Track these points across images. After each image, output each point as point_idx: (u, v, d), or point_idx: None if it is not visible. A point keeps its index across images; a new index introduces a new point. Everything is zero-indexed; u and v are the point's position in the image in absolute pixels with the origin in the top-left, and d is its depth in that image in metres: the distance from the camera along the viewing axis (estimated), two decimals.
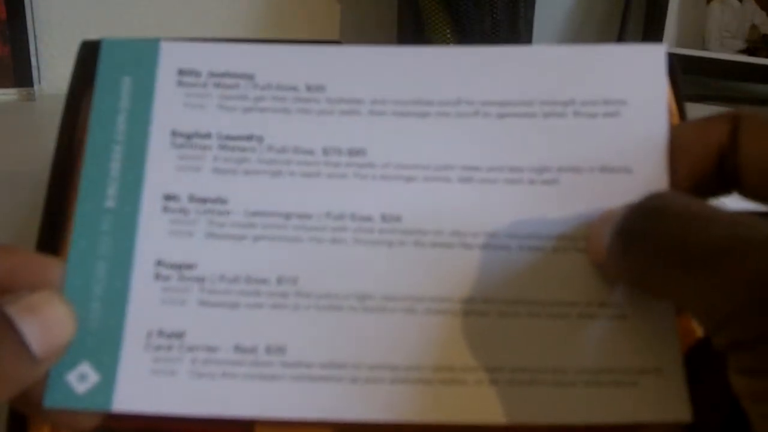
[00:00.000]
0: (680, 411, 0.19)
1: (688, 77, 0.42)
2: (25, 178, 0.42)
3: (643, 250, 0.17)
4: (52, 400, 0.19)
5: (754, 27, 0.67)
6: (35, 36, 0.64)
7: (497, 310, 0.20)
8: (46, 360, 0.18)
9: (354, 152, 0.21)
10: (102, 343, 0.20)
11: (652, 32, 0.68)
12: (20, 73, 0.64)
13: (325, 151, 0.21)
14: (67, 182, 0.22)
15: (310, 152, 0.21)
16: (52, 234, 0.22)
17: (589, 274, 0.21)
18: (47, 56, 0.65)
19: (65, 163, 0.21)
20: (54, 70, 0.65)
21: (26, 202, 0.43)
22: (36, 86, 0.64)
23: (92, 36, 0.23)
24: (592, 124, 0.21)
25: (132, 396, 0.19)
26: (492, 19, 0.61)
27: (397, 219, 0.21)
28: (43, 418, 0.20)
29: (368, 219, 0.21)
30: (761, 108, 0.65)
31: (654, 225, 0.17)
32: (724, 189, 0.20)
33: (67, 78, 0.23)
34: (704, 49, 0.68)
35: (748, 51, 0.67)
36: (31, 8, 0.63)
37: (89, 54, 0.23)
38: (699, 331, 0.24)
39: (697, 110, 0.63)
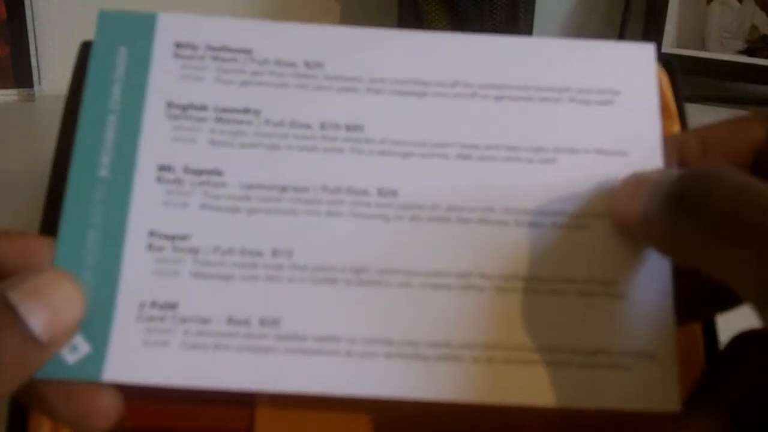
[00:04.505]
0: (669, 401, 0.19)
1: (688, 77, 0.42)
2: (25, 178, 0.42)
3: (696, 216, 0.17)
4: (42, 372, 0.19)
5: (754, 27, 0.67)
6: (35, 36, 0.64)
7: (494, 285, 0.20)
8: (54, 343, 0.18)
9: (351, 128, 0.21)
10: (93, 313, 0.20)
11: (652, 33, 0.68)
12: (20, 74, 0.64)
13: (323, 126, 0.21)
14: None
15: (307, 126, 0.21)
16: (53, 234, 0.22)
17: (588, 251, 0.20)
18: (47, 56, 0.65)
19: (65, 163, 0.21)
20: (54, 71, 0.65)
21: (26, 202, 0.43)
22: (36, 87, 0.64)
23: (92, 36, 0.23)
24: (587, 110, 0.22)
25: (123, 367, 0.19)
26: (492, 20, 0.61)
27: (394, 194, 0.21)
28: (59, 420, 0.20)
29: (364, 193, 0.21)
30: (761, 108, 0.65)
31: (710, 192, 0.16)
32: None
33: (67, 78, 0.23)
34: (704, 49, 0.68)
35: (748, 51, 0.67)
36: (31, 8, 0.63)
37: (89, 54, 0.23)
38: (699, 331, 0.24)
39: (697, 111, 0.63)
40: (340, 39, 0.22)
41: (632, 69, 0.22)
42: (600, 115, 0.22)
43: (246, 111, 0.21)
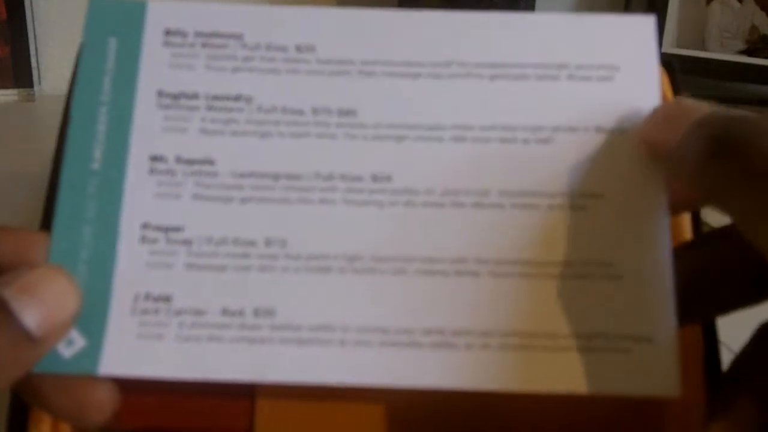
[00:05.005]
0: (669, 385, 0.19)
1: (688, 77, 0.42)
2: (25, 178, 0.42)
3: (736, 165, 0.16)
4: (38, 366, 0.19)
5: (754, 27, 0.67)
6: (35, 36, 0.64)
7: (490, 270, 0.20)
8: (49, 338, 0.18)
9: (344, 112, 0.21)
10: (89, 307, 0.19)
11: None
12: (20, 74, 0.64)
13: (315, 111, 0.21)
14: None
15: (300, 112, 0.21)
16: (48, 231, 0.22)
17: (585, 233, 0.20)
18: (47, 56, 0.65)
19: None
20: (54, 71, 0.65)
21: (26, 202, 0.43)
22: (36, 87, 0.64)
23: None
24: (585, 87, 0.21)
25: (118, 360, 0.19)
26: None
27: (388, 179, 0.21)
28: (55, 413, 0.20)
29: (358, 179, 0.21)
30: (761, 108, 0.65)
31: (756, 142, 0.16)
32: None
33: (67, 78, 0.23)
34: (704, 49, 0.69)
35: (748, 51, 0.67)
36: (31, 8, 0.63)
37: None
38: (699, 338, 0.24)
39: None
40: (332, 21, 0.22)
41: (632, 43, 0.22)
42: (599, 91, 0.21)
43: (237, 98, 0.21)
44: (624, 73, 0.21)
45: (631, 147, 0.21)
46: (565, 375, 0.19)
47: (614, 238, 0.20)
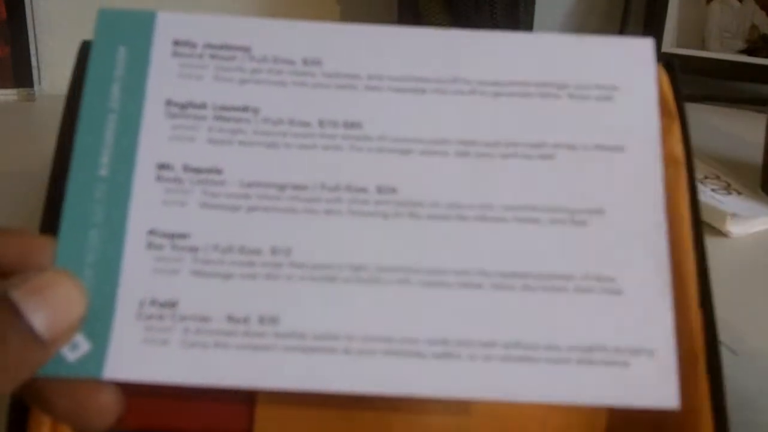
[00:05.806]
0: (667, 397, 0.19)
1: (688, 77, 0.42)
2: (25, 178, 0.42)
3: None
4: (44, 369, 0.19)
5: (754, 27, 0.67)
6: (35, 36, 0.64)
7: (492, 283, 0.20)
8: (56, 341, 0.18)
9: (350, 125, 0.22)
10: (94, 311, 0.20)
11: (652, 33, 0.68)
12: (20, 74, 0.64)
13: (321, 124, 0.22)
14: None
15: (306, 124, 0.22)
16: (52, 233, 0.22)
17: (586, 247, 0.20)
18: (47, 56, 0.65)
19: (65, 162, 0.21)
20: (54, 70, 0.65)
21: (26, 202, 0.43)
22: (36, 86, 0.64)
23: (92, 36, 0.23)
24: (586, 106, 0.22)
25: (123, 364, 0.19)
26: (492, 22, 0.61)
27: (393, 191, 0.21)
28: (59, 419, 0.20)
29: (363, 190, 0.21)
30: (761, 108, 0.65)
31: None
32: None
33: (67, 78, 0.23)
34: (704, 49, 0.69)
35: (748, 51, 0.67)
36: (31, 8, 0.63)
37: (88, 53, 0.23)
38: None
39: (697, 111, 0.63)
40: (338, 36, 0.22)
41: (631, 64, 0.22)
42: (599, 110, 0.22)
43: (245, 109, 0.22)
44: (623, 92, 0.22)
45: (628, 164, 0.21)
46: (565, 386, 0.19)
47: (615, 253, 0.21)
